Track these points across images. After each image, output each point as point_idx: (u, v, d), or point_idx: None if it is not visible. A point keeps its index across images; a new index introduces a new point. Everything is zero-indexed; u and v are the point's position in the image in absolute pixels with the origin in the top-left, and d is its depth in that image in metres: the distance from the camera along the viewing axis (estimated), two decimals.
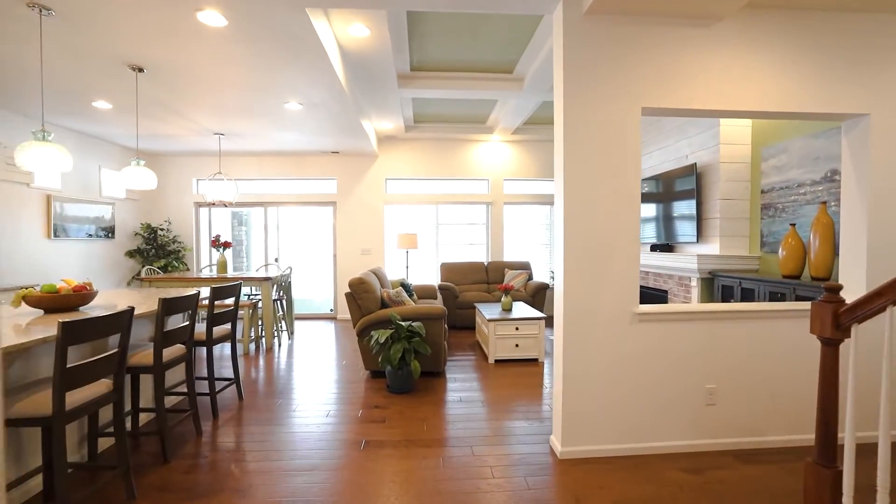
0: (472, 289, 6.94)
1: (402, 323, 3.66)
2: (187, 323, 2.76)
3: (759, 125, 4.14)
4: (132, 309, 2.10)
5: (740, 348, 2.66)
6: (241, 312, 5.10)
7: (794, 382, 2.69)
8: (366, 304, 3.99)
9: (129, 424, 2.91)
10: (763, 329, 2.66)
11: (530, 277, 6.87)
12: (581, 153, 2.53)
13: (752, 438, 2.68)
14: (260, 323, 5.57)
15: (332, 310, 7.41)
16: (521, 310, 5.05)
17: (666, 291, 4.86)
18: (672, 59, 2.55)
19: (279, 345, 5.41)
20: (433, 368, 4.11)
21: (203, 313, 5.44)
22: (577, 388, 2.57)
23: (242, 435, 2.89)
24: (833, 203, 3.43)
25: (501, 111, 5.93)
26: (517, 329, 4.62)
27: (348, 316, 7.23)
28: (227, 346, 5.36)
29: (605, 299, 2.56)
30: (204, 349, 4.75)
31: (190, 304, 2.71)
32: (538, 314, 4.71)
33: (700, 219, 4.44)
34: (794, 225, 3.42)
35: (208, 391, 3.18)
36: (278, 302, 5.66)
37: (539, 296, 6.51)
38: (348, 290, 4.08)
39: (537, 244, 7.62)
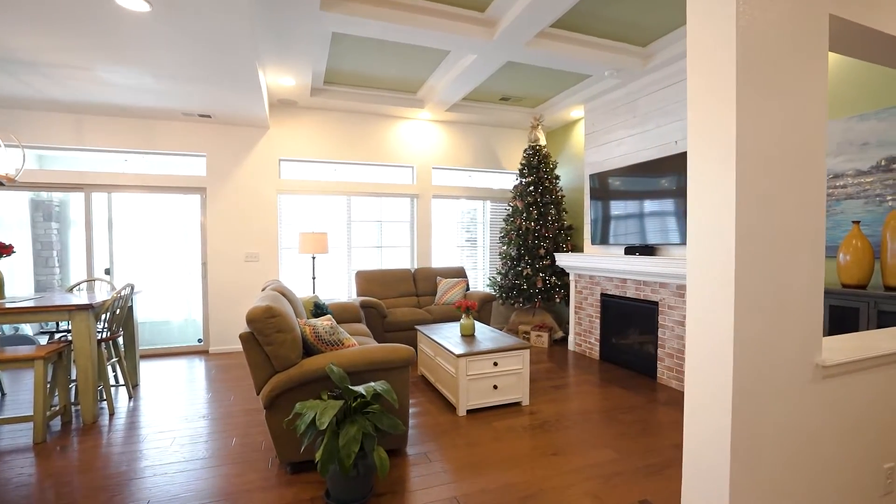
0: (399, 304, 5.49)
1: (359, 389, 2.11)
2: None
3: None
4: None
5: None
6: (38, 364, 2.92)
7: None
8: (279, 350, 2.32)
9: None
10: None
11: (468, 287, 5.69)
12: (761, 83, 1.36)
13: None
14: (73, 382, 3.39)
15: (200, 340, 5.26)
16: (485, 334, 3.80)
17: (656, 303, 4.07)
18: None
19: (110, 413, 3.31)
20: (394, 445, 2.62)
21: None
22: (748, 497, 1.40)
23: None
24: (889, 198, 2.86)
25: (444, 76, 4.62)
26: (495, 364, 3.36)
27: (227, 347, 5.18)
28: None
29: (779, 343, 1.44)
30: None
31: None
32: (518, 341, 3.51)
33: None
34: (857, 223, 2.77)
35: None
36: (109, 343, 3.53)
37: (485, 310, 5.35)
38: (246, 328, 2.37)
39: (452, 245, 6.39)
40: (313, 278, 5.08)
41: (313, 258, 5.10)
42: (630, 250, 4.40)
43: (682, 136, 3.96)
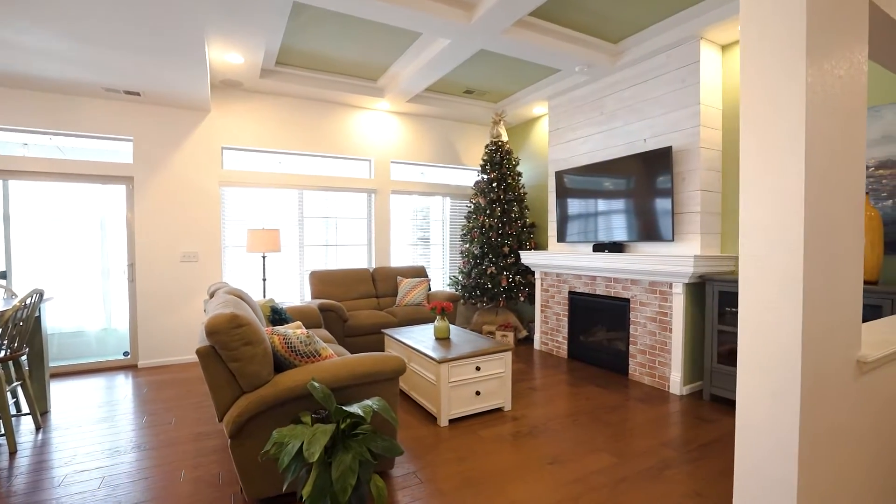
0: (358, 306, 5.13)
1: (355, 409, 1.80)
2: None
3: (733, 107, 3.65)
4: None
5: None
6: None
7: None
8: (248, 367, 1.95)
9: None
10: None
11: (430, 287, 5.45)
12: (824, 68, 1.27)
13: None
14: None
15: (127, 353, 4.55)
16: (461, 336, 3.59)
17: (627, 300, 4.08)
18: None
19: (11, 451, 2.68)
20: (379, 468, 2.32)
21: None
22: None
23: None
24: None
25: (411, 63, 4.34)
26: (478, 369, 3.15)
27: (161, 360, 4.52)
28: None
29: (831, 339, 1.36)
30: None
31: None
32: (498, 343, 3.33)
33: (673, 213, 3.75)
34: None
35: None
36: (9, 363, 2.88)
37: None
38: (203, 342, 1.96)
39: (404, 244, 6.09)
40: (264, 280, 4.58)
41: (264, 257, 4.60)
42: (599, 247, 4.39)
43: (650, 135, 4.00)
